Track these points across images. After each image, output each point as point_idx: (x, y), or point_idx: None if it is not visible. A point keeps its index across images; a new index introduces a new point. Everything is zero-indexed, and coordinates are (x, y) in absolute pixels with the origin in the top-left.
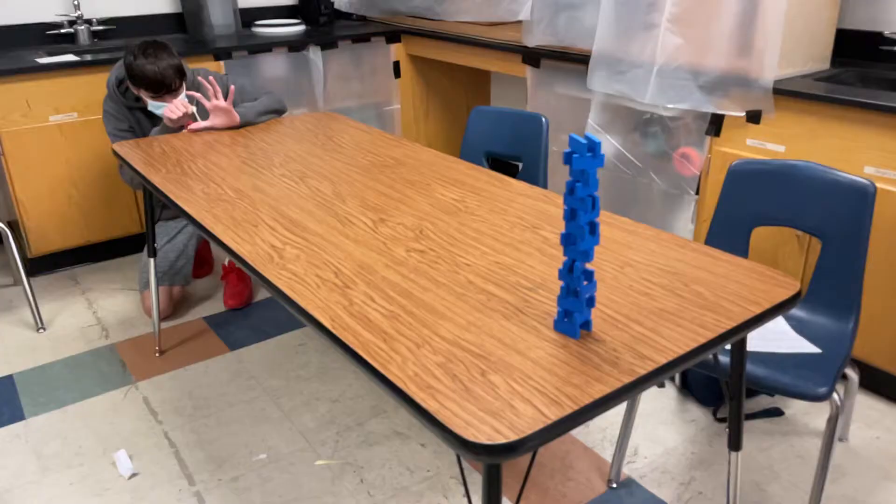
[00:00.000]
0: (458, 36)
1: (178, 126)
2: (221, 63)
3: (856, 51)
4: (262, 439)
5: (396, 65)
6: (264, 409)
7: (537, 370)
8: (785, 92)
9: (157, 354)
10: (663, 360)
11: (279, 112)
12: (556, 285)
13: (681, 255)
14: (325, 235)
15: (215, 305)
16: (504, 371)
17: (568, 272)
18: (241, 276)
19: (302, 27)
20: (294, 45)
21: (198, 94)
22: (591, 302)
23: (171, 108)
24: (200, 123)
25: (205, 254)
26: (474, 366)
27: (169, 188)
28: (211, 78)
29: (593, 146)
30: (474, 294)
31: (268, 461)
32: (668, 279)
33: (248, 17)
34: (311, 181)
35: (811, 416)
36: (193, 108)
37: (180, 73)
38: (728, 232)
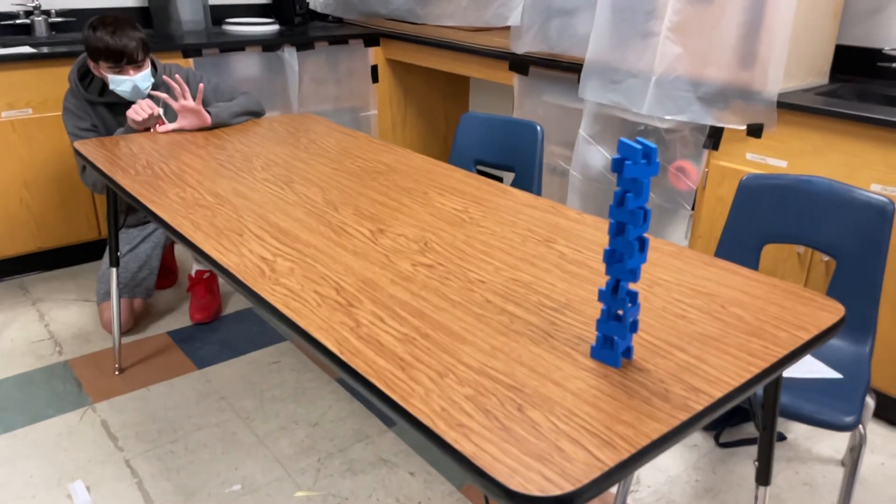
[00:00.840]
0: (440, 41)
1: (144, 129)
2: (191, 61)
3: (853, 67)
4: (235, 468)
5: (374, 69)
6: (236, 433)
7: (580, 405)
8: (788, 105)
9: (116, 372)
10: (718, 394)
11: (257, 114)
12: (582, 306)
13: (710, 273)
14: (319, 247)
15: (181, 319)
16: (543, 405)
17: (611, 293)
18: (209, 287)
19: (276, 27)
20: (268, 45)
21: (164, 95)
22: (634, 327)
23: (136, 109)
24: (168, 126)
25: (169, 263)
26: (508, 399)
27: (139, 191)
28: (177, 76)
29: (649, 152)
30: (494, 315)
31: (242, 493)
32: (703, 300)
33: (219, 14)
34: (297, 187)
35: (814, 440)
36: (160, 110)
37: (144, 46)
38: (738, 249)
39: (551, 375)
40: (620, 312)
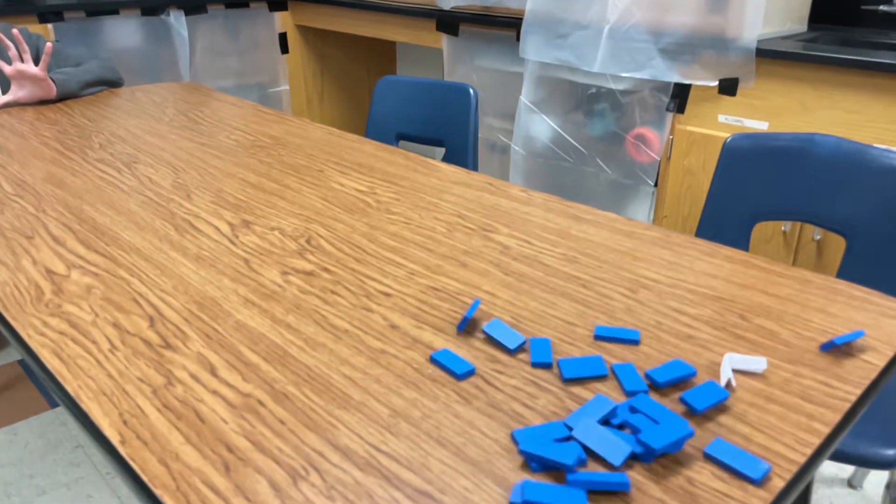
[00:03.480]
0: (357, 0)
1: None
2: (49, 26)
3: (833, 12)
4: None
5: (283, 37)
6: (92, 496)
7: None
8: (769, 53)
9: None
10: (780, 483)
11: (113, 84)
12: (539, 327)
13: (713, 266)
14: (146, 251)
15: None
16: None
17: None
18: None
19: None
20: (148, 8)
21: None
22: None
23: None
24: (0, 98)
25: None
26: None
27: None
28: (15, 31)
29: None
30: (400, 350)
31: None
32: (712, 308)
33: None
34: (141, 168)
35: None
36: None
37: None
38: (722, 230)
39: (492, 465)
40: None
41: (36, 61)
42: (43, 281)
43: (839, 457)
